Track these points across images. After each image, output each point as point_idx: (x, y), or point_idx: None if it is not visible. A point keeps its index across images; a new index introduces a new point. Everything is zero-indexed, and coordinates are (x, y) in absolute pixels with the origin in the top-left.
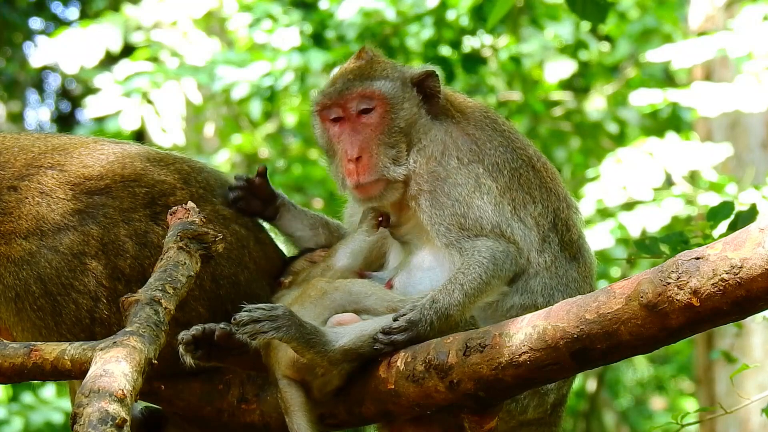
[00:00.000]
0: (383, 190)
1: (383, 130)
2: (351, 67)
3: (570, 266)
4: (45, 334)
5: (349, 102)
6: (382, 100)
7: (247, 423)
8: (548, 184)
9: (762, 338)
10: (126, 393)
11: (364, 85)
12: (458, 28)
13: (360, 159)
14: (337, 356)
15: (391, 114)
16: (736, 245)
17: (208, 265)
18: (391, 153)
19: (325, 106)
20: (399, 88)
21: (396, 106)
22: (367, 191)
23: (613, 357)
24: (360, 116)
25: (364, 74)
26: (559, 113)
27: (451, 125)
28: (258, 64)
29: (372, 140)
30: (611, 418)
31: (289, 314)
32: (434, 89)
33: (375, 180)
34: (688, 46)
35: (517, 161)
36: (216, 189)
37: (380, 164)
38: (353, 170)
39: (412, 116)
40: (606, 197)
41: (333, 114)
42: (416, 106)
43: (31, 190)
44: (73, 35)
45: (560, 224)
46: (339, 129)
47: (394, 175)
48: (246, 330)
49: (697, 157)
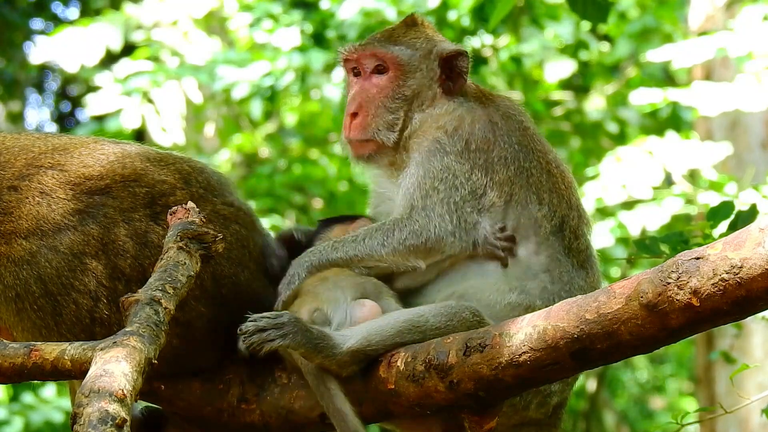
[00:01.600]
0: (373, 151)
1: (387, 94)
2: (389, 28)
3: (577, 274)
4: (45, 334)
5: (363, 59)
6: (395, 65)
7: (247, 423)
8: (561, 191)
9: (762, 338)
10: (126, 393)
11: (382, 47)
12: (459, 28)
13: (356, 115)
14: (345, 359)
15: (399, 80)
16: (736, 245)
17: (208, 264)
18: (388, 117)
19: (347, 59)
20: (418, 58)
21: (408, 74)
22: (357, 149)
23: (613, 357)
24: (372, 75)
25: (391, 37)
26: (559, 113)
27: (478, 107)
28: (258, 63)
29: (374, 101)
30: (611, 418)
31: (294, 321)
32: (462, 69)
33: (365, 140)
34: (688, 45)
35: (532, 161)
36: (216, 189)
37: (373, 125)
38: (347, 124)
39: (421, 87)
40: (606, 196)
41: (354, 68)
42: (429, 79)
43: (31, 190)
44: (73, 33)
45: (568, 231)
46: (354, 83)
47: (383, 139)
48: (252, 340)
49: (697, 156)
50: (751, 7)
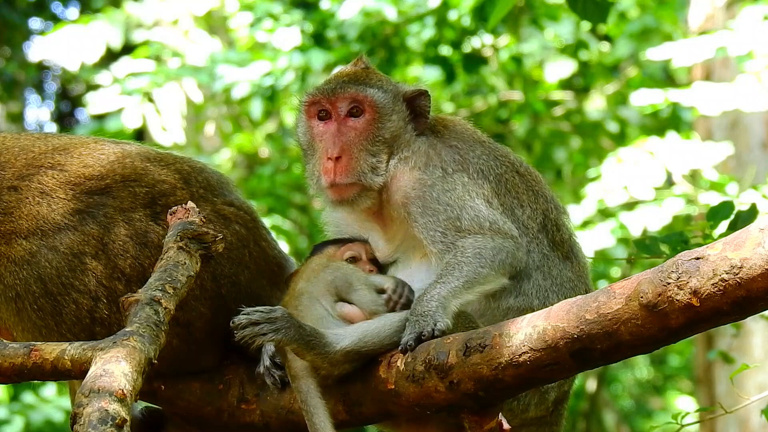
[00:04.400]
0: (357, 194)
1: (367, 137)
2: (348, 71)
3: (564, 266)
4: (45, 333)
5: (339, 101)
6: (372, 107)
7: (247, 423)
8: (534, 188)
9: (762, 338)
10: (126, 393)
11: (358, 89)
12: (460, 28)
13: (340, 159)
14: (338, 357)
15: (378, 123)
16: (736, 245)
17: (208, 264)
18: (371, 160)
19: (315, 102)
20: (390, 100)
21: (384, 116)
22: (341, 193)
23: (613, 357)
24: (347, 119)
25: (359, 79)
26: (559, 113)
27: (435, 139)
28: (259, 63)
29: (355, 144)
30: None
31: (287, 316)
32: (424, 108)
33: (351, 183)
34: (689, 45)
35: (501, 167)
36: (216, 189)
37: (359, 168)
38: (331, 169)
39: (398, 129)
40: (607, 197)
41: (321, 111)
42: (403, 121)
43: (31, 190)
44: (73, 31)
45: (550, 225)
46: (324, 127)
47: (370, 182)
48: (245, 333)
49: (697, 156)
50: (751, 7)
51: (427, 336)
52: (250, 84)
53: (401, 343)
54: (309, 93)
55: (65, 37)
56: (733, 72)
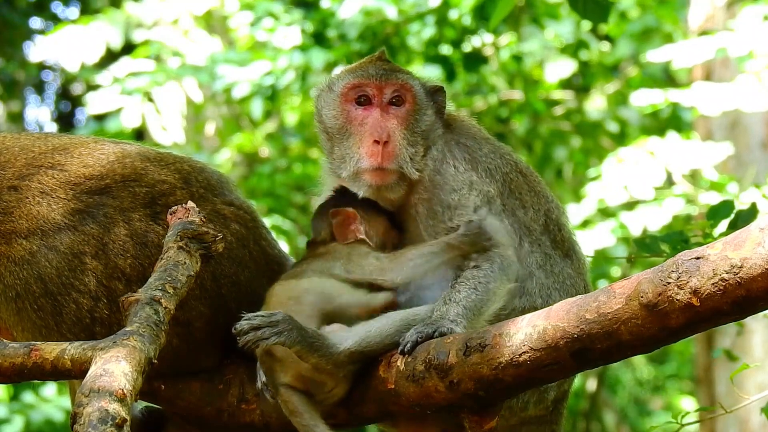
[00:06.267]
0: (394, 182)
1: (407, 127)
2: (379, 62)
3: (564, 263)
4: (45, 333)
5: (386, 87)
6: (413, 98)
7: (247, 423)
8: (536, 188)
9: (762, 337)
10: (126, 393)
11: (405, 77)
12: (460, 27)
13: (387, 144)
14: (342, 359)
15: (416, 114)
16: (736, 245)
17: (208, 264)
18: (411, 150)
19: (358, 86)
20: (425, 93)
21: (422, 108)
22: (383, 177)
23: (613, 357)
24: (389, 106)
25: (400, 69)
26: (559, 112)
27: (449, 135)
28: (259, 63)
29: (398, 131)
30: (611, 418)
31: (288, 319)
32: (441, 104)
33: (393, 169)
34: (689, 45)
35: (507, 166)
36: (216, 188)
37: (402, 156)
38: (378, 152)
39: (432, 123)
40: (607, 196)
41: (362, 96)
42: (435, 115)
43: (31, 189)
44: (73, 32)
45: (552, 225)
46: (364, 112)
47: (410, 172)
48: (248, 338)
49: (697, 156)
50: (751, 7)
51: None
52: (251, 83)
53: (401, 343)
54: (348, 76)
55: (65, 37)
56: (733, 72)
